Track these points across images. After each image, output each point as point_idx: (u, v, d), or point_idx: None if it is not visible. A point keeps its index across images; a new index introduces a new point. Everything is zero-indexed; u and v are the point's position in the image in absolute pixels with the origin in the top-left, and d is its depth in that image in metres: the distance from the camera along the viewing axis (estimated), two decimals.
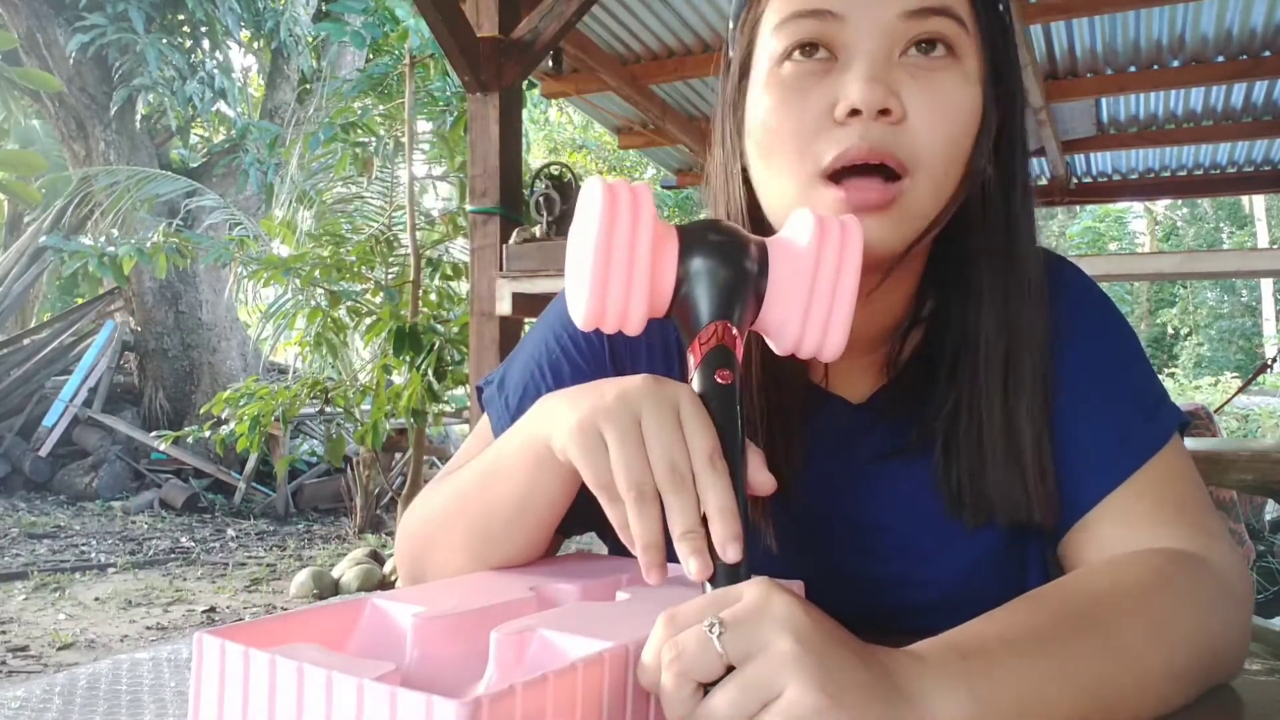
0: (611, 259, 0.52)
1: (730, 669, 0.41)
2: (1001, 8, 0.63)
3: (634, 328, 0.54)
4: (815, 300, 0.54)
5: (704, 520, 0.48)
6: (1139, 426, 0.66)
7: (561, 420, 0.53)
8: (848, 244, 0.54)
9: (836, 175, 0.59)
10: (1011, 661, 0.47)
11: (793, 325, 0.54)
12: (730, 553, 0.47)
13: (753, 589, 0.43)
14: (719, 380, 0.52)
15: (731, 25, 0.68)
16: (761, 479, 0.51)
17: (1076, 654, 0.49)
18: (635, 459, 0.48)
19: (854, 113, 0.58)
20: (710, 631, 0.41)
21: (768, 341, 0.57)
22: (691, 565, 0.47)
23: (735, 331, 0.53)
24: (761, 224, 0.66)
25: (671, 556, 0.58)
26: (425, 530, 0.69)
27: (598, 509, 0.55)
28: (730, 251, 0.54)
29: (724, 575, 0.47)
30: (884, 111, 0.57)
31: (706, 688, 0.41)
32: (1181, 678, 0.53)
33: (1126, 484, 0.64)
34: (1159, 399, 0.69)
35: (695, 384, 0.52)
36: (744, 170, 0.67)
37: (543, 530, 0.62)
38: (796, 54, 0.60)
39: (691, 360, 0.53)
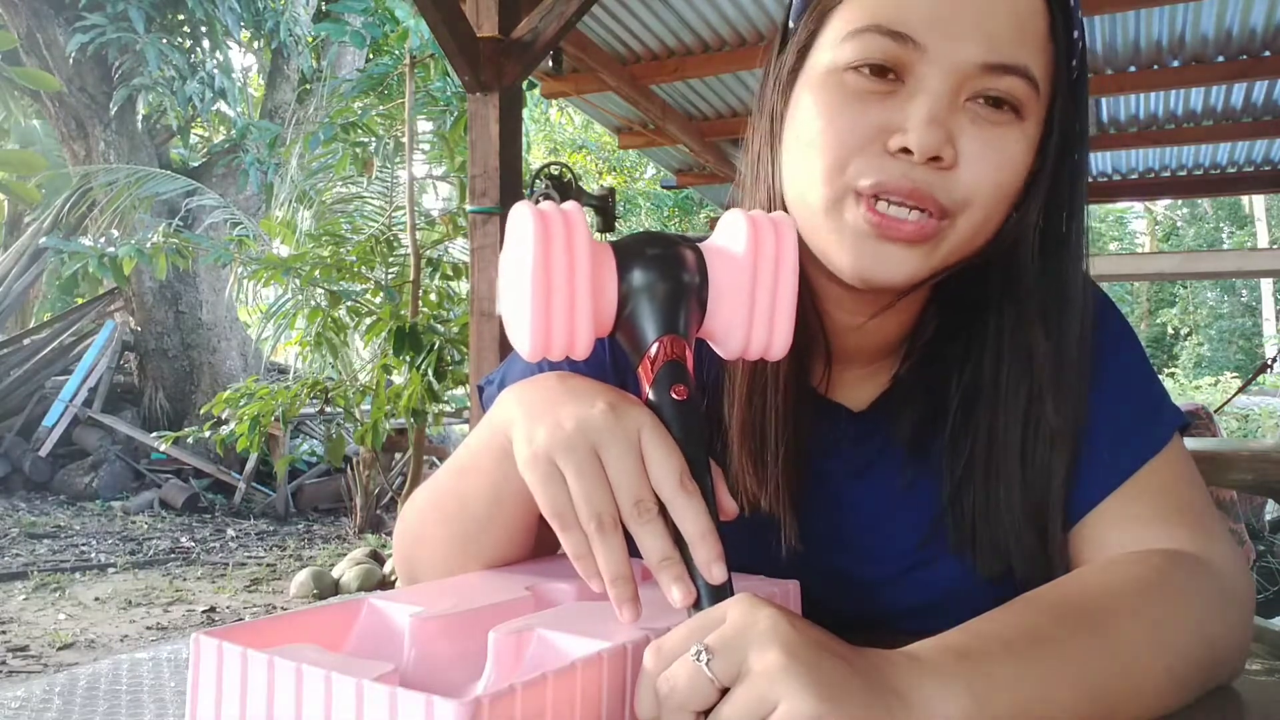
0: (551, 287, 0.50)
1: (725, 690, 0.41)
2: (1075, 60, 0.62)
3: (582, 352, 0.52)
4: (757, 303, 0.53)
5: (677, 543, 0.47)
6: (1139, 427, 0.66)
7: (519, 436, 0.51)
8: (783, 244, 0.53)
9: (869, 194, 0.58)
10: (1009, 662, 0.47)
11: (737, 330, 0.54)
12: (715, 574, 0.46)
13: (735, 609, 0.43)
14: (675, 397, 0.51)
15: (798, 5, 0.65)
16: (726, 504, 0.51)
17: (1075, 655, 0.49)
18: (595, 491, 0.47)
19: (907, 150, 0.56)
20: (699, 660, 0.41)
21: (714, 347, 0.56)
22: (675, 593, 0.46)
23: (684, 344, 0.52)
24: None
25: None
26: (413, 529, 0.69)
27: None
28: (669, 265, 0.52)
29: (709, 596, 0.46)
30: (936, 158, 0.56)
31: (706, 713, 0.41)
32: (1181, 678, 0.53)
33: (1127, 484, 0.64)
34: (1159, 399, 0.69)
35: (651, 403, 0.51)
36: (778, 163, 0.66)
37: (520, 524, 0.61)
38: (865, 69, 0.58)
39: (643, 380, 0.52)
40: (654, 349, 0.52)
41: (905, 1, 0.57)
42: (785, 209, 0.63)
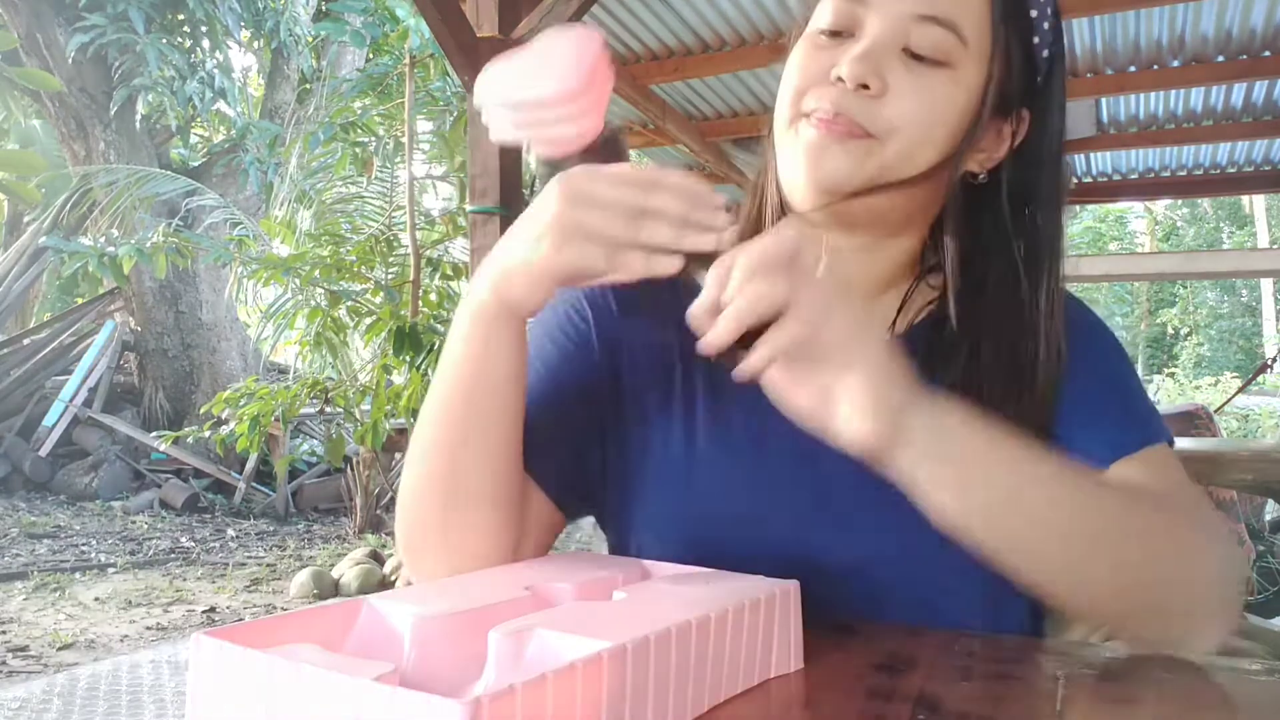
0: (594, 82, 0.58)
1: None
2: (1038, 42, 0.72)
3: (591, 129, 0.60)
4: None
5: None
6: (1130, 429, 0.72)
7: (508, 255, 0.60)
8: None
9: (813, 118, 0.69)
10: (962, 431, 0.59)
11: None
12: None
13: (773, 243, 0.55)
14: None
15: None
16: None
17: (1031, 476, 0.60)
18: (607, 215, 0.56)
19: (840, 79, 0.67)
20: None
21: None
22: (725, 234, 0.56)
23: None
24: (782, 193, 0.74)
25: (663, 556, 0.65)
26: (411, 470, 0.69)
27: (593, 482, 0.72)
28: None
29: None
30: (864, 85, 0.67)
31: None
32: (1110, 565, 0.61)
33: (1120, 461, 0.69)
34: (1150, 413, 0.75)
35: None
36: None
37: (509, 414, 0.66)
38: (826, 34, 0.71)
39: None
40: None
41: None
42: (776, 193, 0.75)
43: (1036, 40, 0.72)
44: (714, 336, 0.54)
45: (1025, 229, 0.73)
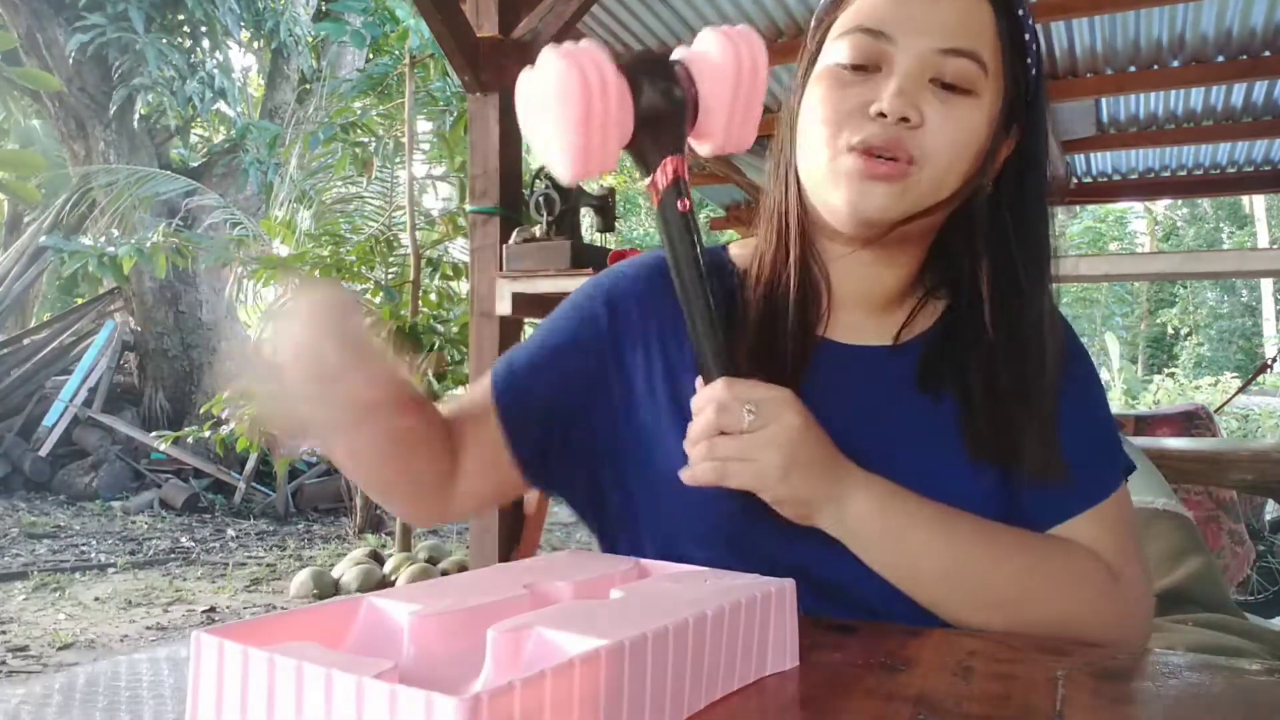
0: (590, 124, 0.61)
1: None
2: (1029, 58, 0.76)
3: (611, 164, 0.66)
4: (737, 104, 0.68)
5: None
6: (1095, 470, 0.78)
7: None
8: (755, 50, 0.67)
9: (858, 150, 0.73)
10: (921, 513, 0.71)
11: (718, 129, 0.68)
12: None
13: (780, 401, 0.68)
14: (680, 209, 0.67)
15: (813, 24, 0.81)
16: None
17: (965, 540, 0.71)
18: None
19: (882, 114, 0.71)
20: (748, 414, 0.67)
21: (694, 145, 0.71)
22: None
23: (683, 160, 0.67)
24: (807, 215, 0.79)
25: (668, 556, 0.69)
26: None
27: (561, 457, 0.80)
28: (670, 86, 0.66)
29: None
30: (904, 119, 0.71)
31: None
32: (1020, 599, 0.72)
33: (1073, 520, 0.76)
34: (1114, 445, 0.81)
35: (662, 212, 0.67)
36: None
37: (405, 455, 0.75)
38: (850, 67, 0.74)
39: (653, 192, 0.68)
40: (666, 168, 0.67)
41: (878, 5, 0.74)
42: (798, 180, 0.78)
43: (1029, 60, 0.76)
44: (689, 476, 0.69)
45: (1025, 236, 0.78)
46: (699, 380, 0.70)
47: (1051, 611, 0.72)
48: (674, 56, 0.69)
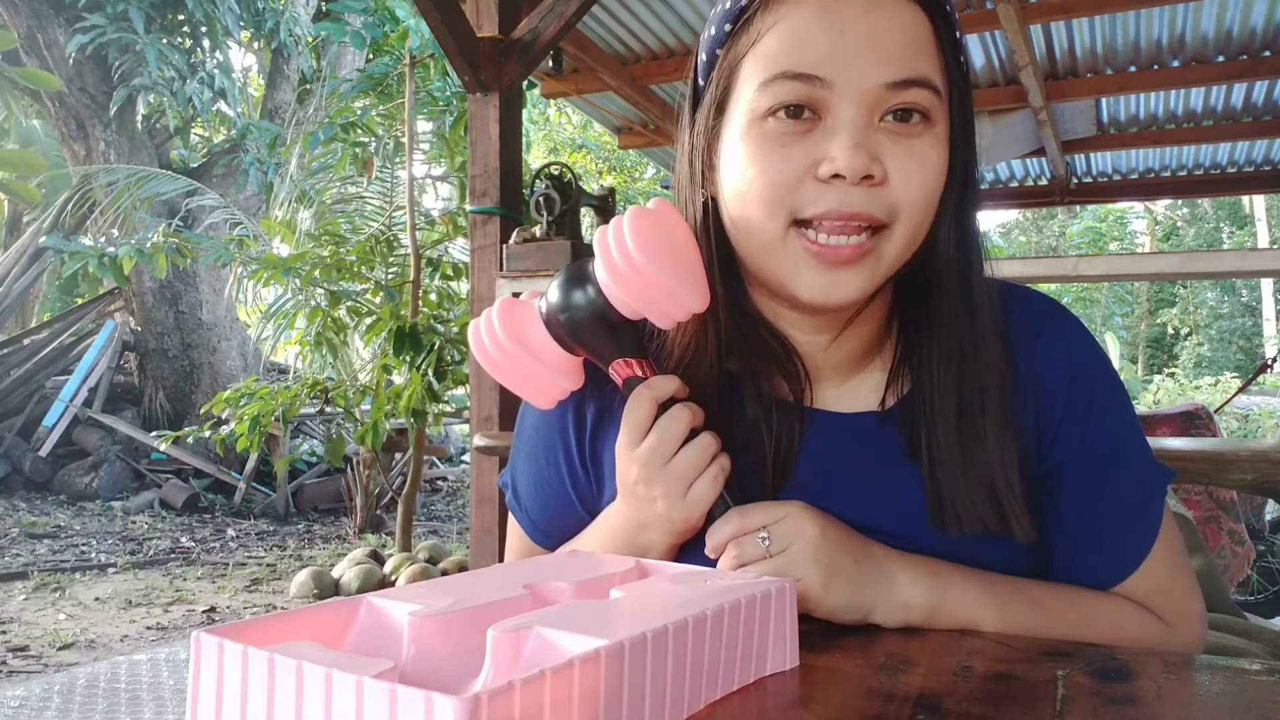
0: (503, 374, 0.70)
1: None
2: (962, 59, 0.67)
3: (577, 383, 0.72)
4: (653, 294, 0.64)
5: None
6: (1139, 509, 0.72)
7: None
8: (639, 227, 0.63)
9: (808, 220, 0.63)
10: (962, 581, 0.67)
11: (657, 315, 0.66)
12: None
13: (795, 513, 0.65)
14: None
15: (704, 57, 0.69)
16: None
17: (1010, 603, 0.67)
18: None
19: (838, 175, 0.61)
20: (762, 542, 0.64)
21: (653, 322, 0.67)
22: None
23: (631, 362, 0.68)
24: (724, 242, 0.69)
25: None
26: None
27: None
28: (582, 310, 0.67)
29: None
30: (868, 176, 0.61)
31: None
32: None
33: (1137, 574, 0.72)
34: (1148, 463, 0.73)
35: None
36: (711, 200, 0.70)
37: None
38: (781, 113, 0.63)
39: (617, 383, 0.70)
40: (612, 373, 0.69)
41: (805, 45, 0.61)
42: (707, 245, 0.69)
43: (962, 63, 0.68)
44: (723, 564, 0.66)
45: (969, 249, 0.70)
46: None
47: None
48: (592, 273, 0.67)
